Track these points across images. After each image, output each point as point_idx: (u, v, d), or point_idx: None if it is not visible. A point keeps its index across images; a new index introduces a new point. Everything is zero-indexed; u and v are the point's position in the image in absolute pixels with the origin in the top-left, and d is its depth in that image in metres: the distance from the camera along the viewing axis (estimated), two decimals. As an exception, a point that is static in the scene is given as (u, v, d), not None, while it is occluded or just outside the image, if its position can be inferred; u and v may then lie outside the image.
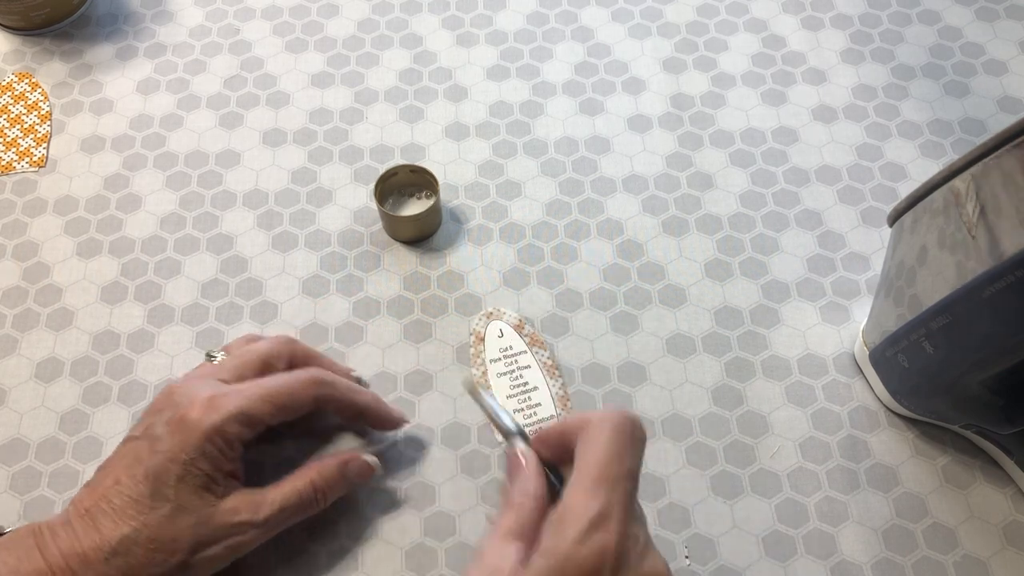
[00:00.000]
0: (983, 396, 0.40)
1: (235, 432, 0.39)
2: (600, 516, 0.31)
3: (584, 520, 0.31)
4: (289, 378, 0.42)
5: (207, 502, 0.38)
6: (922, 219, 0.41)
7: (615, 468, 0.32)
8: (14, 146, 0.58)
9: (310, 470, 0.42)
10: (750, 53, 0.62)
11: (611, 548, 0.30)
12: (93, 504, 0.38)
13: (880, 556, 0.44)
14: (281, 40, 0.64)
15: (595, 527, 0.30)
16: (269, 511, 0.40)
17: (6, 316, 0.52)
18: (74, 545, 0.37)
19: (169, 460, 0.38)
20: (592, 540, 0.30)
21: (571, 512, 0.31)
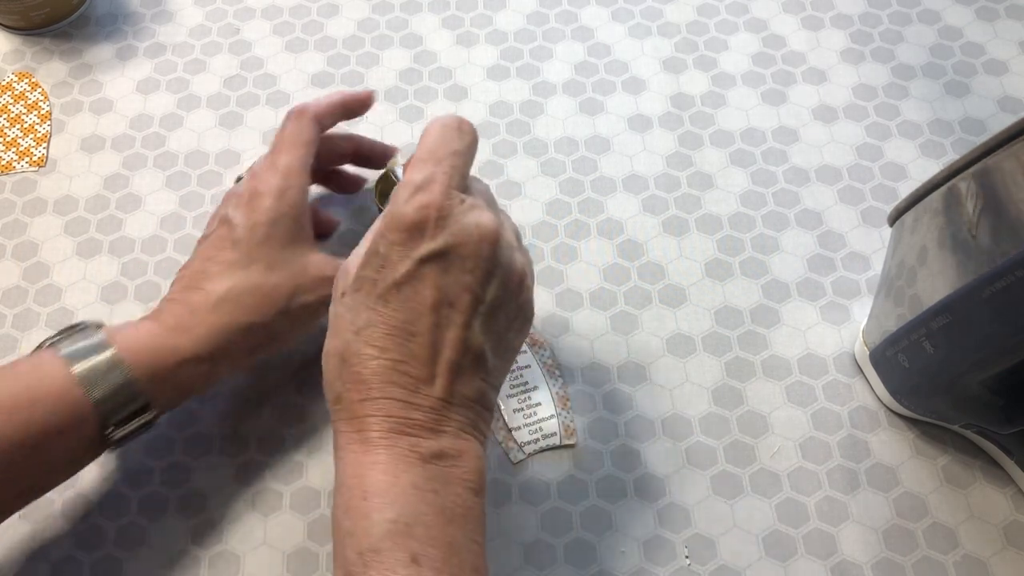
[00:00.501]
0: (983, 396, 0.40)
1: (297, 184, 0.45)
2: (424, 181, 0.35)
3: (411, 186, 0.35)
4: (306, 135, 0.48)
5: (297, 254, 0.43)
6: (922, 219, 0.41)
7: (440, 149, 0.36)
8: (14, 146, 0.58)
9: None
10: (750, 53, 0.62)
11: (433, 204, 0.35)
12: (190, 279, 0.43)
13: (880, 556, 0.44)
14: (281, 40, 0.64)
15: (419, 190, 0.35)
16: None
17: (6, 316, 0.52)
18: (183, 306, 0.42)
19: (250, 227, 0.43)
20: (415, 199, 0.35)
21: (401, 184, 0.36)
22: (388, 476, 0.33)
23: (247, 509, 0.46)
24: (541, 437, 0.48)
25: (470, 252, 0.35)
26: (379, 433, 0.34)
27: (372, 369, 0.34)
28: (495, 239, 0.35)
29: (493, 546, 0.45)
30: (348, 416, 0.35)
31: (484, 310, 0.35)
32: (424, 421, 0.34)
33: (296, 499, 0.46)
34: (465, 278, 0.35)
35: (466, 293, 0.35)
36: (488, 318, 0.36)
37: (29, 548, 0.45)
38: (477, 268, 0.35)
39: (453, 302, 0.35)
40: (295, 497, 0.46)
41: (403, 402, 0.34)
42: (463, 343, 0.35)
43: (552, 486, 0.46)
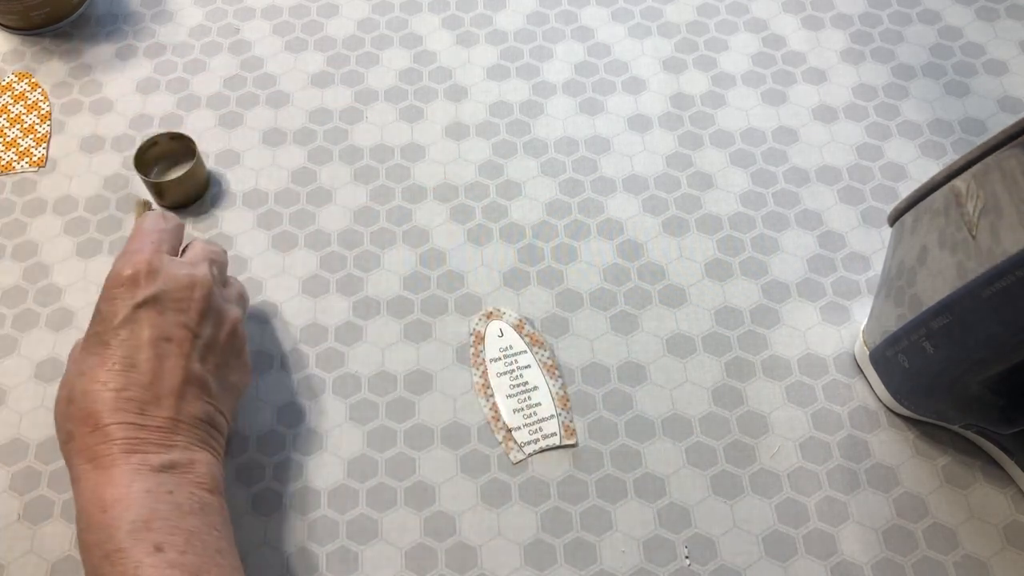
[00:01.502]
0: (983, 396, 0.40)
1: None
2: (135, 249, 0.42)
3: (124, 254, 0.42)
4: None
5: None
6: (922, 219, 0.41)
7: (147, 230, 0.43)
8: (14, 146, 0.58)
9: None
10: (750, 53, 0.62)
11: (143, 260, 0.41)
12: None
13: (880, 556, 0.44)
14: (281, 40, 0.64)
15: (131, 254, 0.41)
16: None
17: (6, 316, 0.52)
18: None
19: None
20: (127, 260, 0.41)
21: (116, 255, 0.43)
22: (122, 487, 0.36)
23: (247, 509, 0.46)
24: (541, 437, 0.48)
25: (182, 296, 0.41)
26: (111, 457, 0.37)
27: (100, 400, 0.38)
28: (206, 286, 0.42)
29: (492, 546, 0.45)
30: (80, 449, 0.38)
31: (201, 344, 0.41)
32: (155, 439, 0.38)
33: (296, 499, 0.46)
34: (180, 317, 0.41)
35: (182, 329, 0.40)
36: (206, 351, 0.42)
37: None
38: (190, 309, 0.41)
39: (170, 337, 0.40)
40: (295, 497, 0.46)
41: (133, 424, 0.38)
42: (184, 370, 0.40)
43: (552, 486, 0.46)
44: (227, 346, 0.43)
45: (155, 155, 0.56)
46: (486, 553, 0.45)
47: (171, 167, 0.57)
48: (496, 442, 0.48)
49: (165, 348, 0.40)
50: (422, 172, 0.57)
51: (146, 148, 0.55)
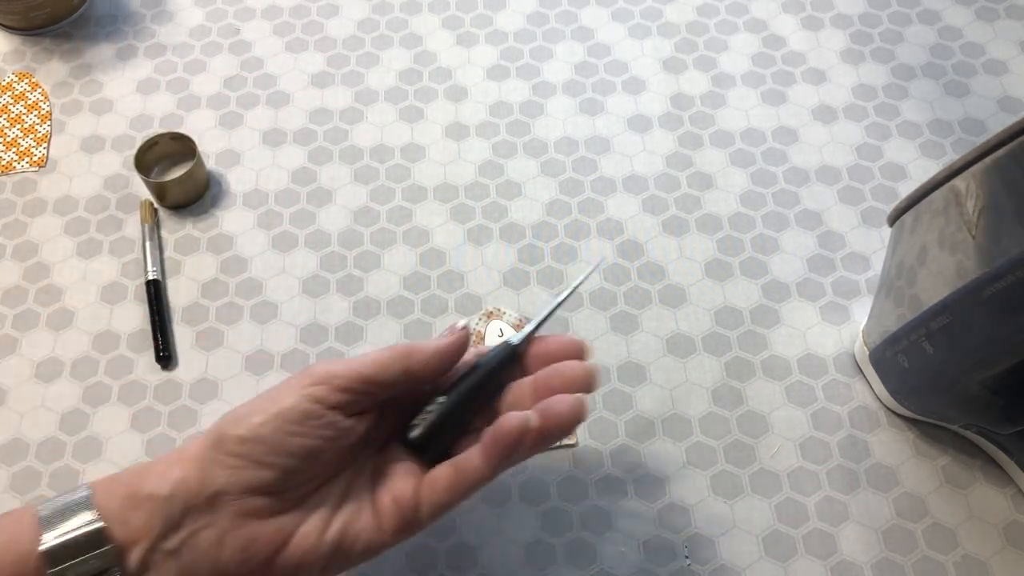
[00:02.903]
0: (983, 396, 0.40)
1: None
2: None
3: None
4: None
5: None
6: (922, 219, 0.41)
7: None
8: (14, 146, 0.58)
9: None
10: (750, 53, 0.62)
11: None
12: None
13: (880, 556, 0.44)
14: (281, 40, 0.64)
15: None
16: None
17: (6, 316, 0.52)
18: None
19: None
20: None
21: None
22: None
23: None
24: (541, 437, 0.47)
25: None
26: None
27: None
28: None
29: (493, 546, 0.45)
30: None
31: None
32: None
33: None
34: None
35: None
36: None
37: None
38: None
39: None
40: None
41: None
42: None
43: (552, 486, 0.46)
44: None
45: (155, 155, 0.56)
46: (486, 553, 0.45)
47: (171, 167, 0.57)
48: (496, 442, 0.48)
49: None
50: (422, 172, 0.57)
51: (146, 148, 0.55)
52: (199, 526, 0.32)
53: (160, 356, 0.50)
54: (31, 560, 0.30)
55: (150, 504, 0.32)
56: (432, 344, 0.37)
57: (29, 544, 0.30)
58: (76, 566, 0.30)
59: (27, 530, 0.31)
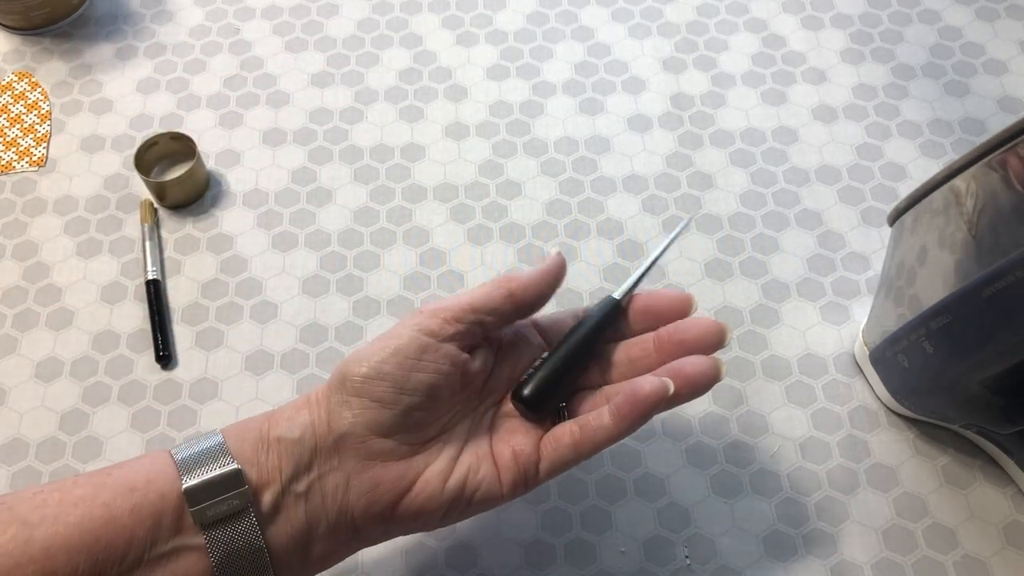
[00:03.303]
0: (983, 396, 0.40)
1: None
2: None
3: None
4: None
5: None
6: (922, 219, 0.41)
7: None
8: (14, 146, 0.58)
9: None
10: (750, 53, 0.62)
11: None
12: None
13: (880, 556, 0.44)
14: (281, 40, 0.64)
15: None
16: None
17: (6, 316, 0.52)
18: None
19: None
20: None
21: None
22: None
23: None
24: (541, 437, 0.47)
25: None
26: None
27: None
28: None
29: (493, 546, 0.45)
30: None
31: None
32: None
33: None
34: None
35: None
36: None
37: None
38: None
39: None
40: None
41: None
42: None
43: (553, 486, 0.46)
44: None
45: (155, 155, 0.56)
46: (486, 553, 0.45)
47: (171, 167, 0.57)
48: (496, 442, 0.48)
49: None
50: (422, 172, 0.57)
51: (146, 148, 0.55)
52: (326, 469, 0.33)
53: (160, 356, 0.50)
54: (172, 499, 0.31)
55: (281, 447, 0.33)
56: (532, 269, 0.38)
57: (170, 483, 0.32)
58: (215, 505, 0.31)
59: (167, 471, 0.32)
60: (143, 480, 0.32)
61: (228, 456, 0.33)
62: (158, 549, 0.31)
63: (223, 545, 0.31)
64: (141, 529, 0.30)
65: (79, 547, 0.29)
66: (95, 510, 0.30)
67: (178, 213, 0.56)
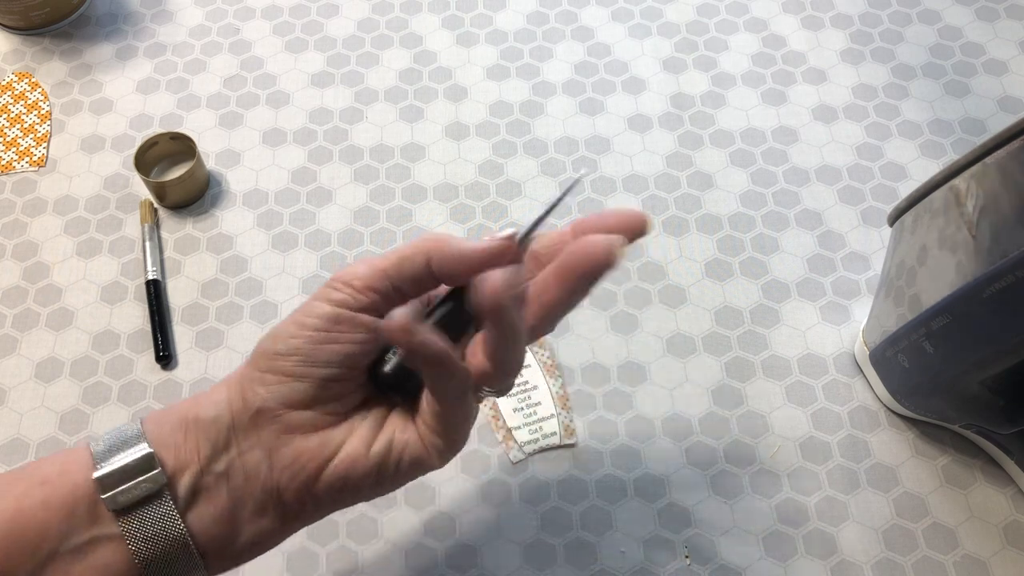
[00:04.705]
0: (983, 396, 0.40)
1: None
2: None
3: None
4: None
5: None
6: (922, 219, 0.41)
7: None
8: (14, 146, 0.58)
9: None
10: (750, 53, 0.62)
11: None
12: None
13: (880, 556, 0.44)
14: (281, 40, 0.64)
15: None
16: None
17: (6, 316, 0.52)
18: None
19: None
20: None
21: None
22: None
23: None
24: (541, 437, 0.48)
25: None
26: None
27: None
28: None
29: (493, 546, 0.45)
30: None
31: None
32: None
33: (296, 499, 0.46)
34: None
35: None
36: None
37: None
38: None
39: None
40: (295, 497, 0.46)
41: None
42: None
43: (552, 486, 0.46)
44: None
45: (155, 155, 0.56)
46: (486, 553, 0.45)
47: (171, 167, 0.57)
48: (496, 442, 0.48)
49: None
50: (422, 172, 0.57)
51: (146, 148, 0.55)
52: (246, 447, 0.33)
53: (160, 356, 0.50)
54: (85, 488, 0.31)
55: (197, 428, 0.33)
56: (463, 244, 0.33)
57: (83, 473, 0.31)
58: (127, 490, 0.31)
59: (81, 461, 0.32)
60: (57, 472, 0.31)
61: (143, 441, 0.32)
62: (74, 540, 0.30)
63: (141, 532, 0.31)
64: (54, 521, 0.30)
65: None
66: (6, 503, 0.30)
67: (178, 213, 0.56)
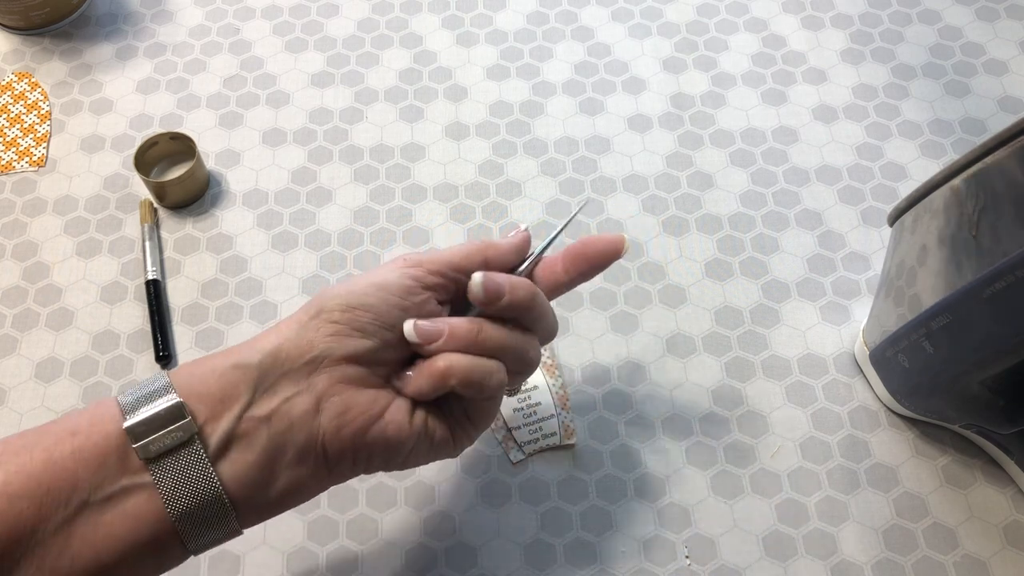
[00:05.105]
0: (983, 396, 0.40)
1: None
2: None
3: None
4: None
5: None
6: (922, 219, 0.41)
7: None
8: (14, 146, 0.58)
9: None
10: (750, 53, 0.62)
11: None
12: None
13: (880, 556, 0.44)
14: (281, 40, 0.64)
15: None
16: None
17: (6, 316, 0.52)
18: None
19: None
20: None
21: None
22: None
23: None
24: (541, 437, 0.47)
25: None
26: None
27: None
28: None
29: (493, 546, 0.45)
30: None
31: None
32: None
33: (296, 499, 0.46)
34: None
35: None
36: None
37: None
38: None
39: None
40: (295, 497, 0.46)
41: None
42: None
43: (552, 486, 0.46)
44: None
45: (155, 155, 0.56)
46: (486, 553, 0.45)
47: (171, 167, 0.57)
48: (496, 442, 0.48)
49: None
50: (422, 172, 0.57)
51: (146, 148, 0.55)
52: (294, 392, 0.33)
53: (160, 356, 0.50)
54: (116, 438, 0.31)
55: (236, 373, 0.33)
56: (508, 241, 0.39)
57: (113, 424, 0.31)
58: (158, 439, 0.31)
59: (111, 413, 0.32)
60: (86, 424, 0.31)
61: (172, 391, 0.32)
62: (106, 490, 0.30)
63: (171, 479, 0.31)
64: (85, 471, 0.30)
65: (20, 492, 0.29)
66: (36, 454, 0.30)
67: (178, 213, 0.56)
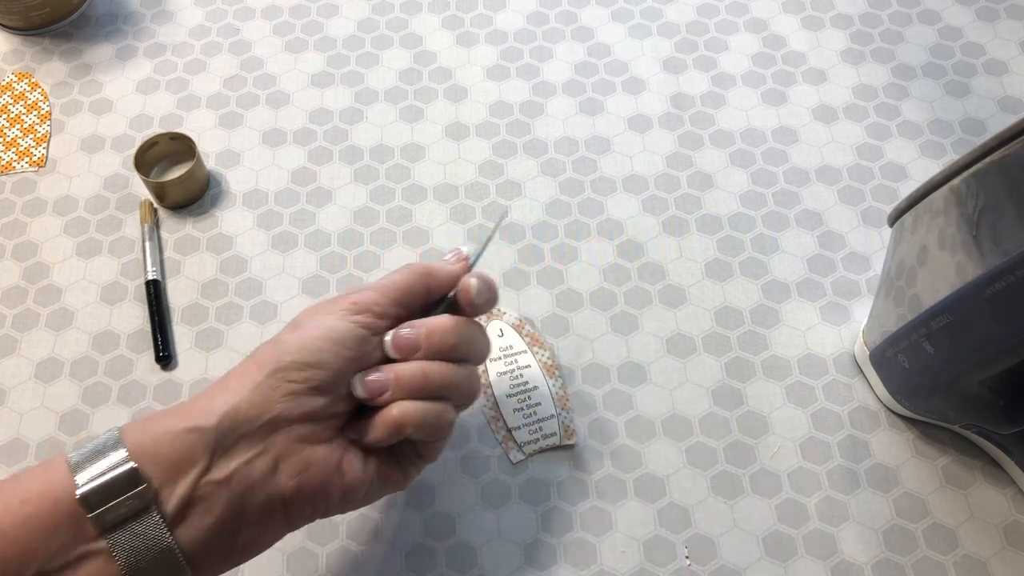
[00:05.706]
0: (983, 396, 0.40)
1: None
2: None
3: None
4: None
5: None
6: (922, 219, 0.41)
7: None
8: (14, 146, 0.58)
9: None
10: (750, 53, 0.62)
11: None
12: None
13: (880, 556, 0.44)
14: (281, 40, 0.64)
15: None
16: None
17: (6, 316, 0.52)
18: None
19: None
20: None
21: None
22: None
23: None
24: (541, 437, 0.48)
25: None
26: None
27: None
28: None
29: (493, 546, 0.45)
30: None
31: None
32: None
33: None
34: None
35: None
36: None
37: None
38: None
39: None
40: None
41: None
42: None
43: (552, 486, 0.46)
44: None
45: (155, 155, 0.56)
46: (486, 553, 0.45)
47: (171, 167, 0.57)
48: (496, 442, 0.48)
49: None
50: (422, 172, 0.57)
51: (146, 148, 0.55)
52: (253, 454, 0.33)
53: (160, 356, 0.50)
54: (67, 505, 0.30)
55: (192, 437, 0.32)
56: (448, 268, 0.39)
57: (64, 491, 0.30)
58: (114, 508, 0.30)
59: (60, 477, 0.31)
60: (36, 491, 0.30)
61: (120, 447, 0.31)
62: (60, 559, 0.30)
63: (128, 546, 0.30)
64: (36, 541, 0.29)
65: None
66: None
67: (178, 213, 0.56)
